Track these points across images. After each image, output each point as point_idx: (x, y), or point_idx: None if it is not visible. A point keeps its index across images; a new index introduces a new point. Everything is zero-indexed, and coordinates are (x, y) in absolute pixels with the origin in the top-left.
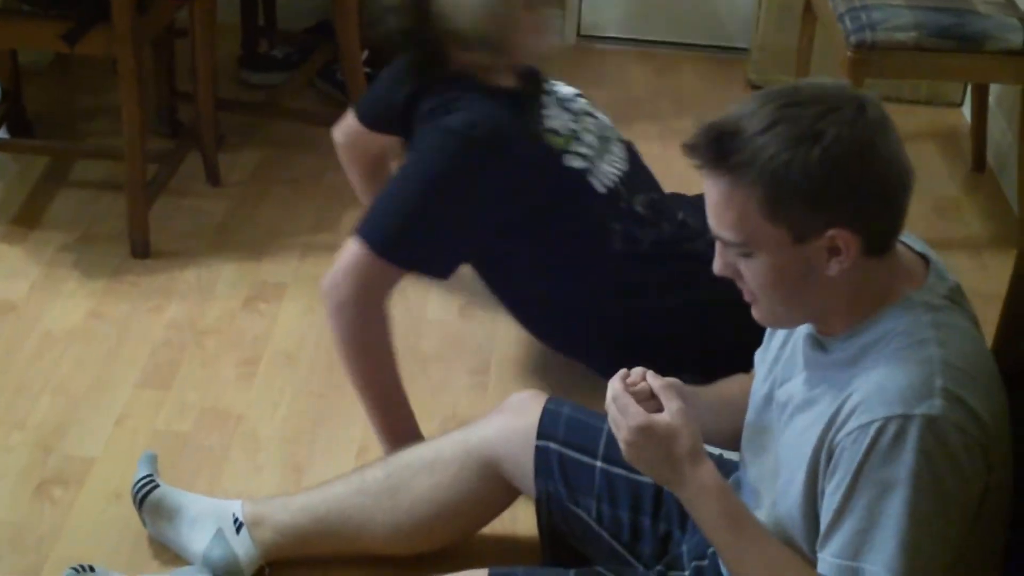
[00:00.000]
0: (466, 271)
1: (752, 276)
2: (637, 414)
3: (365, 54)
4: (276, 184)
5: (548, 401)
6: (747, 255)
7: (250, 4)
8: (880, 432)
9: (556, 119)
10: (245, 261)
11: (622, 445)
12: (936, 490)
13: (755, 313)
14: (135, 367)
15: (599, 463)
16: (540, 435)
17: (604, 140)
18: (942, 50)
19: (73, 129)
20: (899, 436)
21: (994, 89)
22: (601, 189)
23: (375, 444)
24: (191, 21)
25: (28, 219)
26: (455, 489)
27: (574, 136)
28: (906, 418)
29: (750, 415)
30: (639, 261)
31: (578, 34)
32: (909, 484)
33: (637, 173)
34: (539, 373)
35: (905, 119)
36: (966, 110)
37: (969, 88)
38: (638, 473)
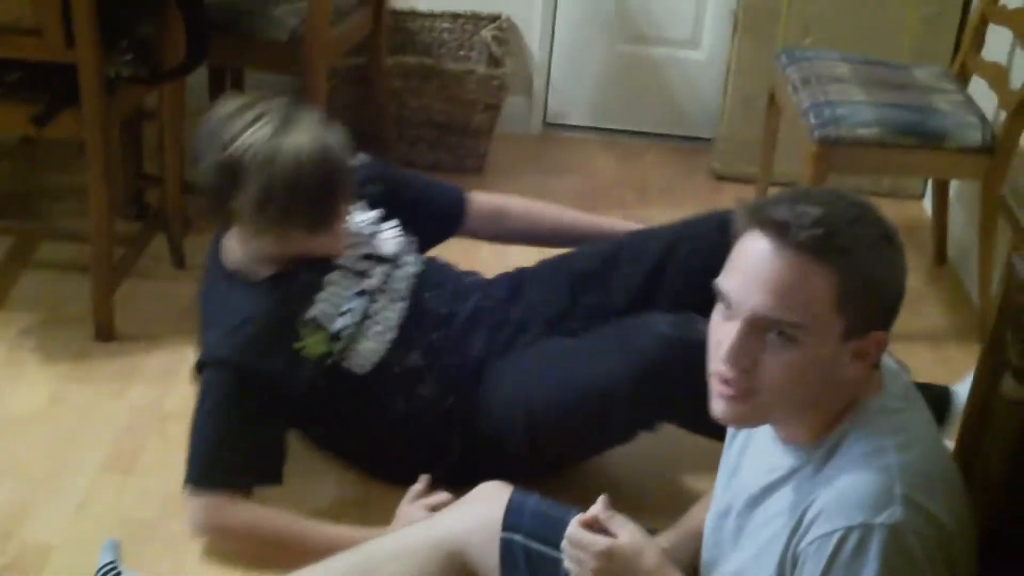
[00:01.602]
0: None
1: (777, 366)
2: (597, 541)
3: None
4: None
5: (514, 492)
6: (790, 341)
7: (219, 87)
8: (842, 542)
9: (326, 301)
10: None
11: None
12: None
13: (730, 409)
14: (97, 452)
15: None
16: (505, 527)
17: (381, 293)
18: (904, 146)
19: (38, 209)
20: (861, 546)
21: (954, 183)
22: (362, 371)
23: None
24: (160, 105)
25: None
26: None
27: (337, 315)
28: (867, 527)
29: (709, 525)
30: (424, 407)
31: (544, 122)
32: None
33: (425, 298)
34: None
35: None
36: (927, 203)
37: (930, 182)
38: None
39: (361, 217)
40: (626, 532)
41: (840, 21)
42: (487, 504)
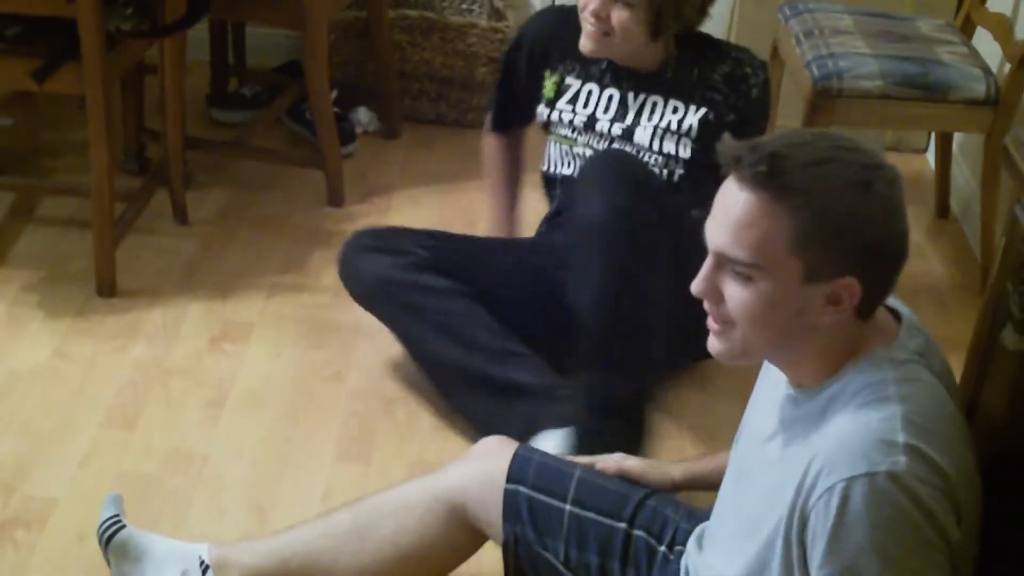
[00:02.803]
0: None
1: (740, 302)
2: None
3: (334, 94)
4: (244, 223)
5: (519, 447)
6: (747, 279)
7: (220, 42)
8: (846, 493)
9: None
10: (212, 301)
11: None
12: (917, 541)
13: (717, 343)
14: (100, 407)
15: (568, 506)
16: (510, 479)
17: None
18: (907, 99)
19: (39, 165)
20: (868, 495)
21: (958, 137)
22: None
23: (340, 487)
24: (161, 59)
25: None
26: (420, 534)
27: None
28: (871, 476)
29: (731, 465)
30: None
31: None
32: (891, 542)
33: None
34: None
35: None
36: (930, 156)
37: (933, 135)
38: (608, 517)
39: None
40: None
41: None
42: (490, 459)
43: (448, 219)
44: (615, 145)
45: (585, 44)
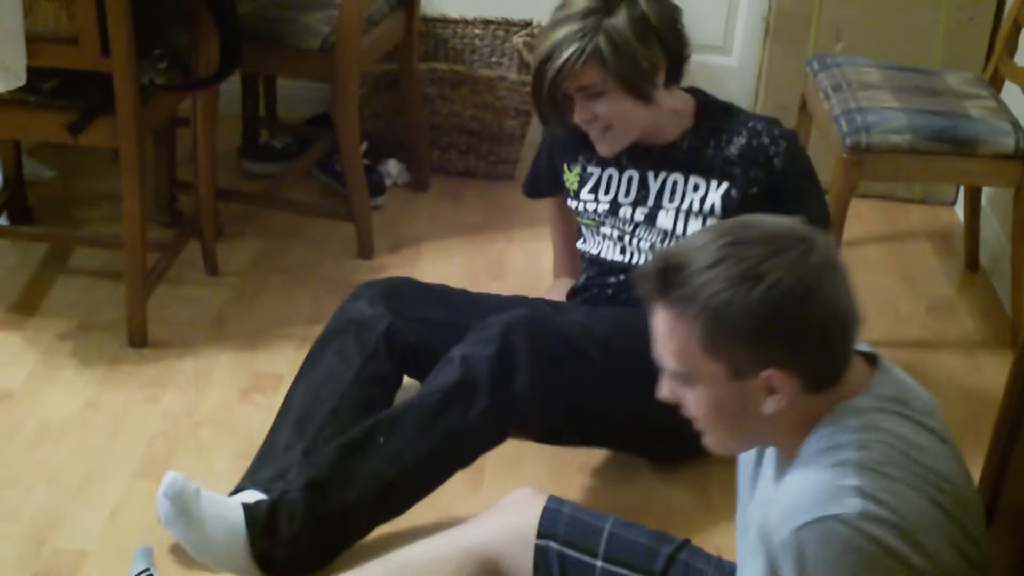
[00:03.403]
0: None
1: (694, 405)
2: None
3: (364, 146)
4: (274, 274)
5: (549, 500)
6: (686, 384)
7: (251, 94)
8: (801, 541)
9: (597, 172)
10: (242, 351)
11: None
12: None
13: (705, 440)
14: (131, 458)
15: (600, 562)
16: (540, 534)
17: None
18: (936, 153)
19: (72, 216)
20: (821, 541)
21: (987, 190)
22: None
23: (369, 541)
24: (193, 112)
25: (26, 306)
26: None
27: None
28: (822, 520)
29: (738, 523)
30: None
31: None
32: None
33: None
34: (533, 471)
35: (899, 218)
36: (959, 209)
37: (962, 188)
38: (639, 572)
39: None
40: None
41: (871, 27)
42: (521, 512)
43: (476, 271)
44: (639, 230)
45: (603, 149)
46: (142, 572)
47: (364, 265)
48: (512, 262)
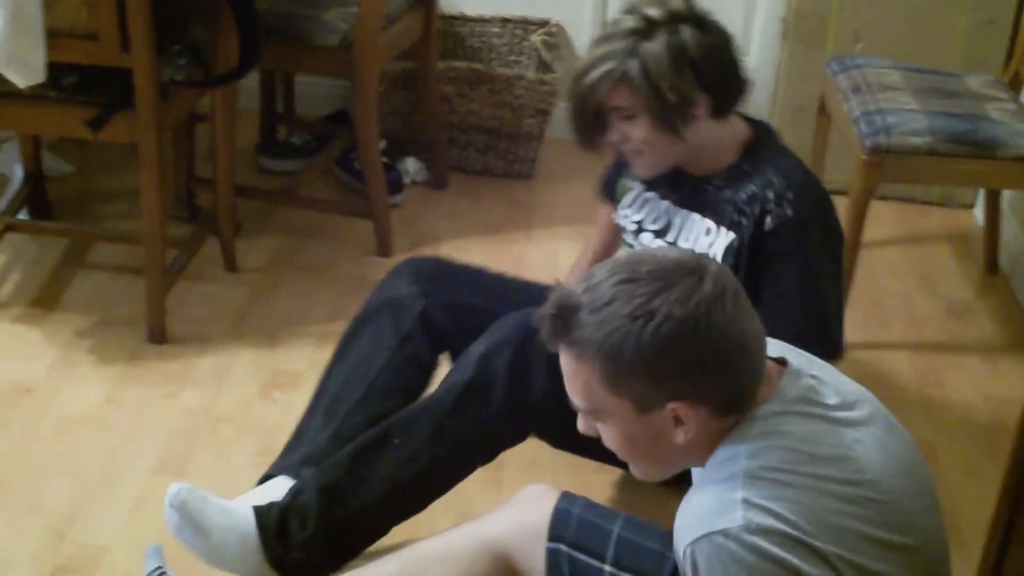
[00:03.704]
0: None
1: (608, 439)
2: None
3: (383, 143)
4: (292, 271)
5: (560, 499)
6: (598, 420)
7: (270, 91)
8: (693, 559)
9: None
10: (261, 348)
11: None
12: None
13: (631, 469)
14: (150, 454)
15: (608, 567)
16: (551, 536)
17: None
18: (956, 155)
19: (91, 211)
20: (709, 556)
21: (1006, 192)
22: None
23: (387, 536)
24: (213, 108)
25: (46, 301)
26: None
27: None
28: (708, 537)
29: None
30: None
31: None
32: None
33: None
34: (552, 469)
35: (918, 221)
36: (978, 212)
37: (982, 191)
38: None
39: None
40: None
41: (890, 28)
42: (533, 508)
43: (495, 269)
44: None
45: (637, 171)
46: (155, 570)
47: (382, 262)
48: (530, 260)
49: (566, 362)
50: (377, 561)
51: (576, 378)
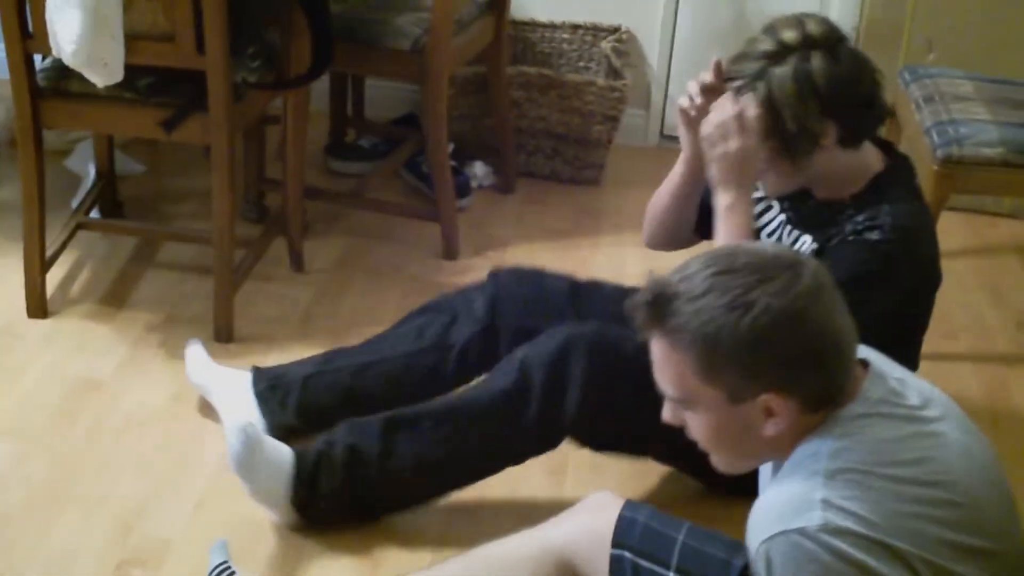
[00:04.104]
0: None
1: (695, 429)
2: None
3: (451, 147)
4: (359, 273)
5: (624, 507)
6: (688, 409)
7: (339, 94)
8: (768, 555)
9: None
10: (326, 349)
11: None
12: None
13: (712, 460)
14: (216, 452)
15: (672, 573)
16: (615, 543)
17: None
18: None
19: (161, 211)
20: (785, 555)
21: None
22: None
23: (452, 536)
24: (284, 111)
25: (116, 299)
26: None
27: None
28: (785, 535)
29: None
30: None
31: (661, 134)
32: None
33: None
34: (615, 472)
35: (987, 232)
36: None
37: None
38: None
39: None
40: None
41: (965, 38)
42: (597, 515)
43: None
44: None
45: (764, 190)
46: (220, 565)
47: (449, 266)
48: (597, 267)
49: (659, 350)
50: (442, 564)
51: (668, 366)
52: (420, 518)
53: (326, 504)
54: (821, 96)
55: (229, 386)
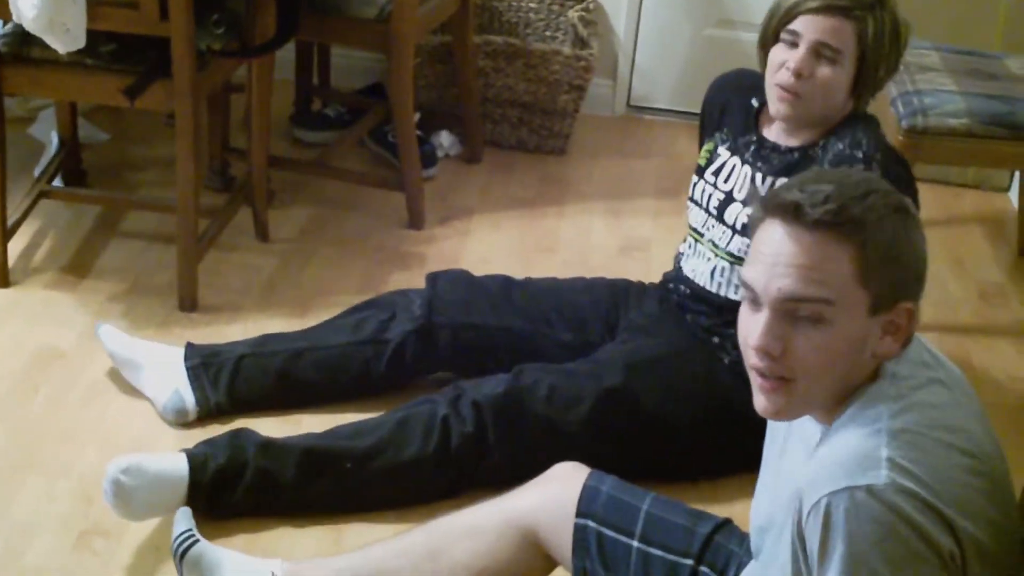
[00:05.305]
0: None
1: (810, 349)
2: None
3: (417, 117)
4: (324, 243)
5: (589, 477)
6: (819, 322)
7: (305, 63)
8: (828, 509)
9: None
10: (291, 318)
11: None
12: (905, 554)
13: (768, 401)
14: None
15: (636, 543)
16: (579, 512)
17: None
18: (993, 137)
19: (125, 179)
20: (848, 510)
21: None
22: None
23: (415, 508)
24: (249, 79)
25: (79, 268)
26: (493, 556)
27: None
28: (851, 490)
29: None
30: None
31: (628, 104)
32: (875, 556)
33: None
34: None
35: (952, 203)
36: (1013, 195)
37: (1017, 174)
38: (675, 553)
39: None
40: None
41: (931, 10)
42: (562, 485)
43: (527, 245)
44: (736, 237)
45: (779, 109)
46: (184, 531)
47: (414, 235)
48: (563, 236)
49: (819, 249)
50: (403, 534)
51: (823, 265)
52: None
53: (222, 511)
54: (899, 51)
55: (159, 360)
